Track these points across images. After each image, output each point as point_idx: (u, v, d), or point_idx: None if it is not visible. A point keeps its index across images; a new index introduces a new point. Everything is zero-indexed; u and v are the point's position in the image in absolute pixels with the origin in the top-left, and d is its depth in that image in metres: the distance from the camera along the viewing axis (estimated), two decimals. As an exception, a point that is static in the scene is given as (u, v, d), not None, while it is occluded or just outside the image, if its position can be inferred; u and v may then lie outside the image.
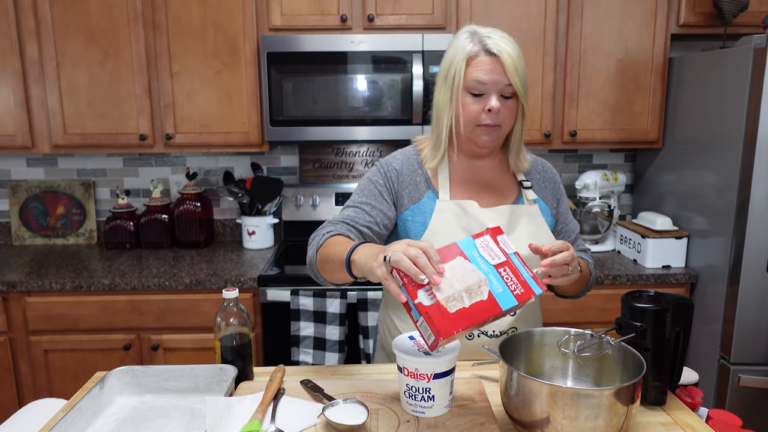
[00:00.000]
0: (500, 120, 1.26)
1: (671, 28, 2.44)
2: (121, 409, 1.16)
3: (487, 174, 1.38)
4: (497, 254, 1.04)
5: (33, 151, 2.48)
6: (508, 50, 1.22)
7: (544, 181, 1.42)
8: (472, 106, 1.25)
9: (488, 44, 1.22)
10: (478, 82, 1.23)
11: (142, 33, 2.38)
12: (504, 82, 1.23)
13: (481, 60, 1.23)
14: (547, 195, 1.41)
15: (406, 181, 1.35)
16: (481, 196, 1.35)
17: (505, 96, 1.25)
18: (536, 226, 1.35)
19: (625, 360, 1.05)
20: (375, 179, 1.36)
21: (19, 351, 2.29)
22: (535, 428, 0.96)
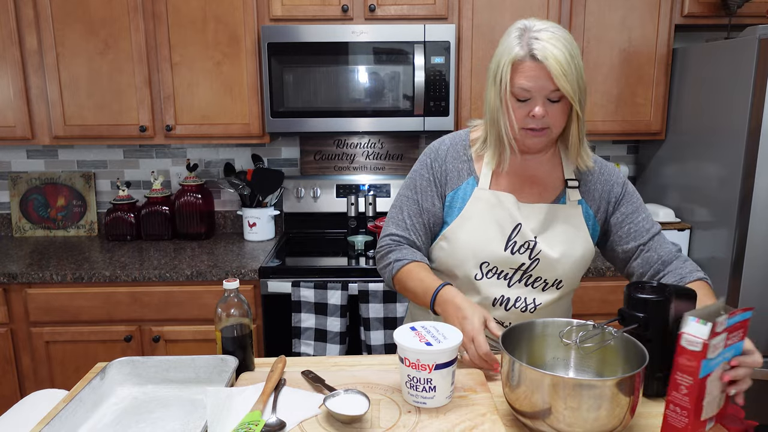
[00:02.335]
0: (547, 123, 1.22)
1: (675, 18, 2.42)
2: (122, 400, 1.16)
3: (534, 168, 1.34)
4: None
5: (33, 142, 2.47)
6: (556, 54, 1.14)
7: (596, 183, 1.35)
8: (518, 111, 1.21)
9: (534, 48, 1.15)
10: (523, 89, 1.18)
11: (141, 23, 2.36)
12: (550, 87, 1.17)
13: (526, 66, 1.17)
14: (594, 198, 1.34)
15: (449, 168, 1.35)
16: (523, 190, 1.33)
17: (553, 100, 1.19)
18: (575, 228, 1.32)
19: (628, 351, 1.04)
20: (423, 173, 1.37)
21: (21, 342, 2.29)
22: (537, 419, 0.96)
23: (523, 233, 1.30)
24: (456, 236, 1.32)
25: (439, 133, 2.43)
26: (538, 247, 1.30)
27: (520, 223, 1.30)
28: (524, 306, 1.33)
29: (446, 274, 1.37)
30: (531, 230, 1.30)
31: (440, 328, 1.14)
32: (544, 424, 0.95)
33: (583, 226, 1.33)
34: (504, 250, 1.30)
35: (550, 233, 1.31)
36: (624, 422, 0.94)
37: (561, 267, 1.31)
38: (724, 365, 1.01)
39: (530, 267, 1.31)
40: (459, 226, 1.32)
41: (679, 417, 0.97)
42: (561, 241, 1.31)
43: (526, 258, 1.30)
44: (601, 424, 0.92)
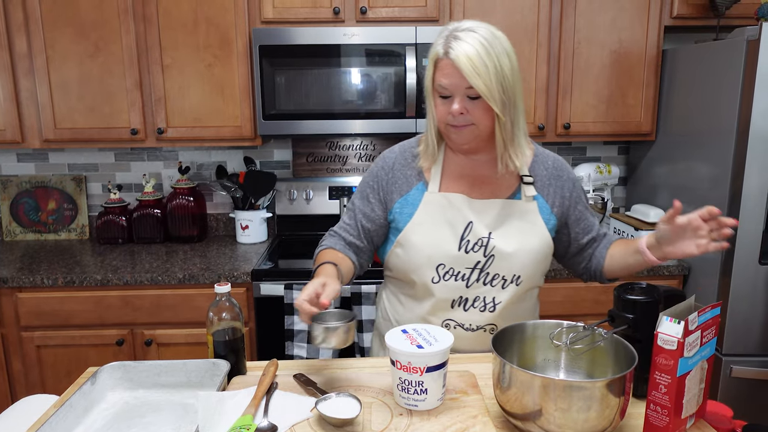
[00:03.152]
0: (469, 120, 1.23)
1: (664, 20, 2.44)
2: (113, 405, 1.15)
3: (482, 167, 1.35)
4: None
5: (23, 145, 2.46)
6: (468, 52, 1.16)
7: (550, 178, 1.36)
8: (441, 107, 1.25)
9: (450, 47, 1.19)
10: (441, 86, 1.22)
11: (132, 26, 2.36)
12: (465, 85, 1.19)
13: (443, 63, 1.21)
14: (550, 193, 1.36)
15: (397, 175, 1.37)
16: (474, 190, 1.34)
17: (472, 97, 1.21)
18: (530, 223, 1.33)
19: (617, 352, 1.05)
20: (368, 180, 1.41)
21: (11, 347, 2.27)
22: (528, 420, 0.96)
23: (475, 231, 1.30)
24: (409, 241, 1.33)
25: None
26: (492, 243, 1.30)
27: (472, 221, 1.30)
28: (483, 305, 1.32)
29: (404, 281, 1.38)
30: (485, 226, 1.31)
31: (431, 330, 1.14)
32: (534, 426, 0.96)
33: (539, 221, 1.33)
34: (458, 249, 1.30)
35: (505, 228, 1.32)
36: (614, 423, 0.95)
37: (517, 261, 1.31)
38: (702, 363, 1.02)
39: (486, 264, 1.31)
40: (411, 231, 1.32)
41: (660, 416, 0.98)
42: (516, 235, 1.31)
43: (480, 255, 1.30)
44: (591, 426, 0.93)
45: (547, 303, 2.31)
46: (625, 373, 0.93)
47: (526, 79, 2.46)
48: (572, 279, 2.29)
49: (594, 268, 1.42)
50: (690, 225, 1.15)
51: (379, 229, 1.39)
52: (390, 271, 1.42)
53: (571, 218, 1.39)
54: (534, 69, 2.45)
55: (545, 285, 1.45)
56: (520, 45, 2.43)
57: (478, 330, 1.33)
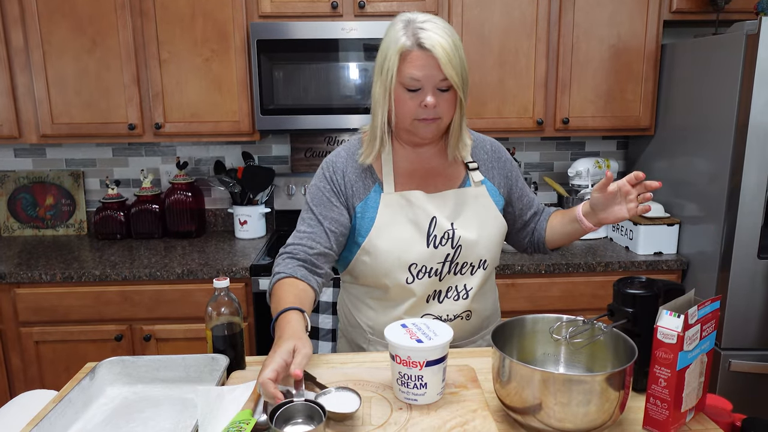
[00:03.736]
0: (438, 113, 1.22)
1: (663, 14, 2.44)
2: (112, 400, 1.15)
3: (431, 160, 1.35)
4: None
5: (20, 141, 2.45)
6: (442, 43, 1.15)
7: (492, 161, 1.40)
8: (409, 102, 1.21)
9: (421, 38, 1.16)
10: (412, 78, 1.18)
11: (129, 20, 2.34)
12: (439, 76, 1.18)
13: (414, 55, 1.17)
14: (494, 175, 1.39)
15: (352, 179, 1.33)
16: (428, 183, 1.34)
17: (442, 89, 1.20)
18: (483, 207, 1.35)
19: (617, 346, 1.05)
20: (321, 186, 1.34)
21: (10, 343, 2.27)
22: (528, 414, 0.96)
23: (440, 225, 1.31)
24: (375, 247, 1.30)
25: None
26: (457, 234, 1.31)
27: (435, 215, 1.30)
28: (456, 294, 1.34)
29: (375, 287, 1.35)
30: (446, 218, 1.31)
31: (431, 325, 1.14)
32: (534, 420, 0.96)
33: (491, 204, 1.36)
34: (427, 246, 1.30)
35: (464, 217, 1.33)
36: (613, 417, 0.95)
37: (482, 246, 1.33)
38: (702, 357, 1.02)
39: (455, 255, 1.32)
40: (376, 236, 1.30)
41: (660, 410, 0.99)
42: (475, 221, 1.33)
43: (449, 248, 1.31)
44: (590, 419, 0.93)
45: (545, 298, 2.31)
46: (625, 367, 0.93)
47: (525, 74, 2.45)
48: (570, 273, 2.30)
49: (537, 241, 1.48)
50: (620, 191, 1.23)
51: (346, 234, 1.34)
52: (355, 278, 1.39)
53: (514, 196, 1.44)
54: (533, 64, 2.44)
55: (543, 280, 1.46)
56: (518, 40, 2.42)
57: (456, 319, 1.35)
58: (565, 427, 0.93)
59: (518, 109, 2.48)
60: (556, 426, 0.94)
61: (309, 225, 1.32)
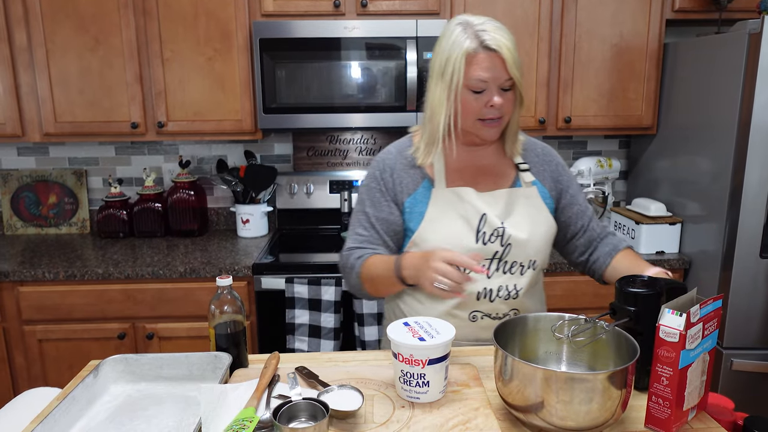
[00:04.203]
0: (503, 112, 1.26)
1: (666, 13, 2.43)
2: (116, 398, 1.16)
3: (483, 159, 1.38)
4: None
5: (23, 139, 2.45)
6: (506, 43, 1.20)
7: (543, 164, 1.41)
8: (473, 103, 1.24)
9: (486, 39, 1.20)
10: (480, 80, 1.21)
11: (132, 19, 2.35)
12: (504, 76, 1.22)
13: (480, 57, 1.20)
14: (545, 178, 1.40)
15: (401, 176, 1.36)
16: (478, 182, 1.35)
17: (504, 89, 1.24)
18: (534, 208, 1.36)
19: (619, 345, 1.05)
20: (372, 185, 1.38)
21: (13, 341, 2.28)
22: (530, 413, 0.97)
23: (489, 222, 1.31)
24: (425, 240, 1.32)
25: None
26: (507, 232, 1.31)
27: (485, 212, 1.31)
28: (507, 294, 1.34)
29: None
30: (497, 217, 1.32)
31: (433, 323, 1.14)
32: (536, 418, 0.96)
33: (542, 205, 1.37)
34: (476, 242, 1.31)
35: (515, 216, 1.33)
36: (615, 415, 0.95)
37: (532, 246, 1.33)
38: (704, 356, 1.02)
39: (504, 253, 1.32)
40: (425, 229, 1.32)
41: (662, 408, 0.99)
42: (526, 221, 1.33)
43: (498, 245, 1.32)
44: (592, 418, 0.93)
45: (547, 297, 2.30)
46: (627, 365, 0.93)
47: (527, 73, 2.45)
48: (573, 272, 2.30)
49: (595, 268, 1.43)
50: None
51: (400, 230, 1.37)
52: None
53: (563, 202, 1.42)
54: (535, 63, 2.44)
55: (546, 279, 1.46)
56: (521, 39, 2.42)
57: (505, 317, 1.35)
58: (567, 426, 0.94)
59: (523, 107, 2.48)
60: (558, 424, 0.94)
61: (364, 228, 1.37)
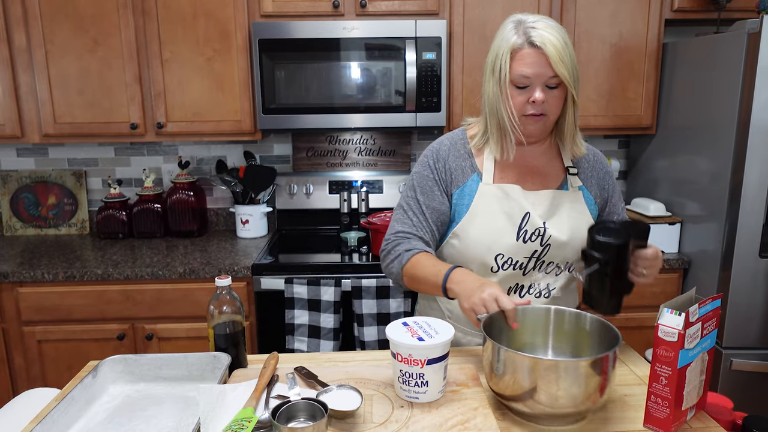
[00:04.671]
0: (546, 110, 1.26)
1: (665, 13, 2.43)
2: (115, 398, 1.16)
3: (533, 159, 1.38)
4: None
5: (23, 140, 2.45)
6: (553, 41, 1.20)
7: (592, 170, 1.41)
8: (518, 98, 1.25)
9: (532, 36, 1.21)
10: (523, 75, 1.22)
11: (131, 20, 2.35)
12: (549, 74, 1.22)
13: (525, 53, 1.22)
14: (592, 184, 1.40)
15: (452, 167, 1.37)
16: (526, 180, 1.36)
17: (551, 86, 1.24)
18: (578, 212, 1.36)
19: (602, 334, 1.11)
20: (425, 173, 1.39)
21: (13, 342, 2.28)
22: (519, 401, 1.00)
23: (532, 221, 1.32)
24: (467, 233, 1.34)
25: (431, 128, 2.43)
26: (548, 233, 1.32)
27: (529, 211, 1.32)
28: (539, 292, 1.36)
29: None
30: (539, 216, 1.33)
31: (432, 323, 1.14)
32: (525, 406, 1.00)
33: (585, 210, 1.37)
34: (516, 239, 1.32)
35: (557, 218, 1.34)
36: (593, 399, 0.99)
37: (570, 249, 1.34)
38: (703, 355, 1.02)
39: (542, 253, 1.33)
40: (469, 222, 1.34)
41: (661, 408, 0.99)
42: (568, 224, 1.34)
43: (537, 245, 1.33)
44: (577, 403, 0.98)
45: (547, 297, 2.31)
46: (609, 352, 0.98)
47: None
48: (572, 273, 2.29)
49: None
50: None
51: (447, 221, 1.39)
52: (443, 260, 1.40)
53: (606, 211, 1.44)
54: (534, 62, 2.44)
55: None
56: (520, 38, 2.42)
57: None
58: (556, 412, 0.99)
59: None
60: (547, 411, 0.99)
61: (414, 214, 1.38)
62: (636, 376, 1.24)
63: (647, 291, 2.34)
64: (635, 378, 1.23)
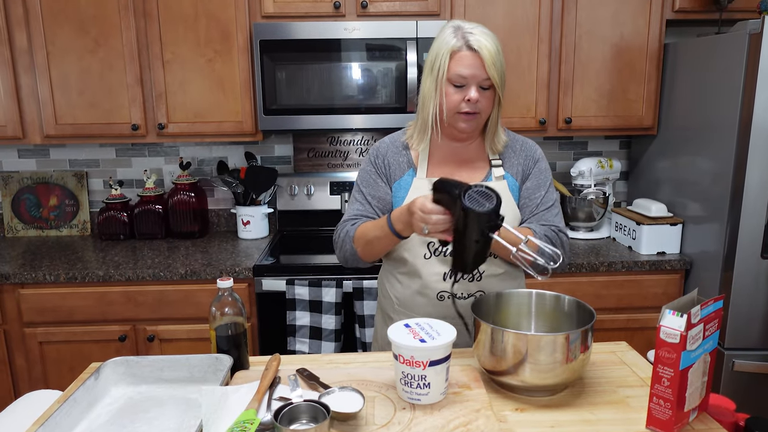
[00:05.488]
0: (479, 108, 1.37)
1: (666, 13, 2.43)
2: (117, 400, 1.16)
3: (464, 153, 1.49)
4: None
5: (24, 141, 2.45)
6: (488, 46, 1.32)
7: (517, 157, 1.50)
8: (454, 96, 1.36)
9: (470, 40, 1.32)
10: (460, 75, 1.33)
11: (132, 21, 2.35)
12: (483, 76, 1.33)
13: (463, 55, 1.33)
14: (517, 171, 1.49)
15: (391, 162, 1.50)
16: (456, 174, 1.46)
17: (484, 87, 1.35)
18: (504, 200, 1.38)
19: (578, 313, 1.22)
20: (367, 168, 1.53)
21: (14, 343, 2.28)
22: (509, 374, 1.12)
23: None
24: None
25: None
26: None
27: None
28: (470, 276, 1.45)
29: (399, 261, 1.49)
30: None
31: (434, 325, 1.14)
32: (515, 378, 1.11)
33: (509, 197, 1.46)
34: None
35: None
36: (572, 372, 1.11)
37: None
38: (705, 357, 1.02)
39: None
40: None
41: (663, 409, 0.99)
42: None
43: None
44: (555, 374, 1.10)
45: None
46: (585, 328, 1.10)
47: (528, 74, 2.45)
48: (573, 273, 2.29)
49: None
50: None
51: (390, 208, 1.49)
52: (388, 253, 1.52)
53: (521, 194, 1.49)
54: (535, 64, 2.44)
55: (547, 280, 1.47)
56: (521, 39, 2.42)
57: (470, 297, 1.45)
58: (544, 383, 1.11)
59: (521, 108, 2.48)
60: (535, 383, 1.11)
61: (361, 204, 1.51)
62: (638, 378, 1.24)
63: (649, 292, 2.33)
64: (637, 379, 1.23)
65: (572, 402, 1.14)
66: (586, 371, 1.26)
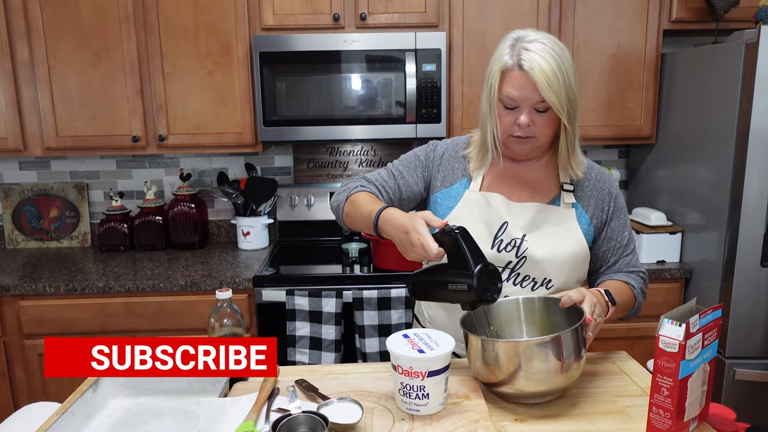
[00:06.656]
0: (533, 132, 1.24)
1: (663, 24, 2.45)
2: (115, 412, 1.15)
3: (528, 172, 1.37)
4: None
5: (25, 154, 2.47)
6: (543, 65, 1.16)
7: (592, 189, 1.37)
8: (505, 118, 1.25)
9: (523, 58, 1.18)
10: (509, 97, 1.21)
11: (133, 34, 2.37)
12: (536, 98, 1.19)
13: (514, 75, 1.20)
14: (590, 203, 1.36)
15: (444, 165, 1.41)
16: (514, 192, 1.36)
17: (539, 111, 1.22)
18: (566, 230, 1.33)
19: (570, 317, 1.19)
20: (418, 154, 1.44)
21: (14, 355, 2.27)
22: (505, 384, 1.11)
23: (509, 231, 1.31)
24: None
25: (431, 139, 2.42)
26: (525, 245, 1.31)
27: (507, 221, 1.32)
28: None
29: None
30: (519, 228, 1.32)
31: (433, 335, 1.14)
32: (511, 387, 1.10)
33: (576, 228, 1.33)
34: (491, 248, 1.31)
35: (540, 232, 1.32)
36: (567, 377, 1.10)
37: (548, 266, 1.32)
38: (704, 366, 1.02)
39: (517, 265, 1.32)
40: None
41: (662, 419, 0.99)
42: (549, 240, 1.32)
43: (512, 256, 1.31)
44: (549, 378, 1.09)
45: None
46: (576, 325, 1.10)
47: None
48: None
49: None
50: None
51: (412, 204, 1.43)
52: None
53: (602, 235, 1.38)
54: (533, 73, 2.45)
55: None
56: (519, 50, 2.43)
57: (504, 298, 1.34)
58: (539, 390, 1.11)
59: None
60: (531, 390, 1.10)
61: (388, 174, 1.42)
62: (638, 387, 1.23)
63: (649, 301, 2.32)
64: (637, 389, 1.23)
65: (571, 412, 1.13)
66: (585, 381, 1.25)
